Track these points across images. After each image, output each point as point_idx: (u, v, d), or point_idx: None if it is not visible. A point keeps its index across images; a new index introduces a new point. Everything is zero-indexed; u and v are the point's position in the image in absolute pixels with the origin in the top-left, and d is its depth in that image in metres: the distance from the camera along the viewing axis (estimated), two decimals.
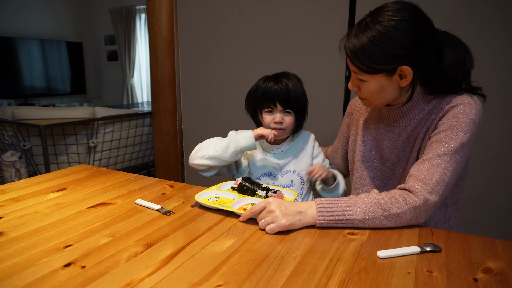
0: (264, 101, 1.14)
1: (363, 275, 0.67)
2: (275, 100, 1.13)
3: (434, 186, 0.87)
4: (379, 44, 0.89)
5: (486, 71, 1.59)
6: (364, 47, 0.90)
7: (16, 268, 0.68)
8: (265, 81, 1.16)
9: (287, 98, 1.12)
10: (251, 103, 1.20)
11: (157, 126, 2.59)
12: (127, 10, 5.40)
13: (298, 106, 1.15)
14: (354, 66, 0.95)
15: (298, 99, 1.14)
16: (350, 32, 0.94)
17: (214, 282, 0.63)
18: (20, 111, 2.81)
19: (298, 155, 1.21)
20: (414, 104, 1.00)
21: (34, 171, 2.84)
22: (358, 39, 0.91)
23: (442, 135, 0.92)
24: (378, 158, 1.10)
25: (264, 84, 1.15)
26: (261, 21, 2.07)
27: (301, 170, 1.20)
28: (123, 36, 5.51)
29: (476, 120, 0.92)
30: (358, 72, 0.95)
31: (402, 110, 1.02)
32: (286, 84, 1.13)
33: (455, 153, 0.89)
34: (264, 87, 1.14)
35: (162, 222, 0.89)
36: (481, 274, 0.68)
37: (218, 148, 1.11)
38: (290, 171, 1.20)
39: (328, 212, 0.85)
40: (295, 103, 1.14)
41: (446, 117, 0.94)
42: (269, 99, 1.13)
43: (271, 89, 1.13)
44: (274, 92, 1.12)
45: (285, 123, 1.14)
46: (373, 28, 0.89)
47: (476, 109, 0.93)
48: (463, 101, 0.93)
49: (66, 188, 1.14)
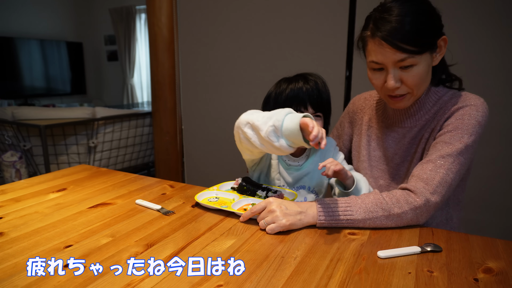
0: (292, 103, 1.01)
1: (364, 275, 0.67)
2: (305, 102, 1.00)
3: (436, 186, 0.86)
4: (422, 18, 0.87)
5: (486, 71, 1.60)
6: (412, 23, 0.85)
7: (16, 268, 0.68)
8: (291, 81, 1.04)
9: (320, 99, 1.01)
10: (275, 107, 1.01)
11: (157, 126, 2.59)
12: (127, 10, 5.40)
13: (328, 109, 1.05)
14: (401, 53, 0.86)
15: (328, 100, 1.04)
16: (381, 20, 0.87)
17: (215, 282, 0.63)
18: (20, 111, 2.81)
19: (315, 169, 1.09)
20: (421, 106, 0.99)
21: (34, 171, 2.84)
22: (401, 20, 0.85)
23: (447, 136, 0.91)
24: (382, 158, 1.09)
25: (293, 85, 1.02)
26: (261, 22, 2.07)
27: (316, 186, 1.10)
28: (123, 36, 5.51)
29: (482, 123, 0.91)
30: (406, 58, 0.87)
31: (409, 110, 1.01)
32: (316, 83, 1.02)
33: (459, 154, 0.89)
34: (292, 88, 1.02)
35: (162, 222, 0.89)
36: (482, 274, 0.68)
37: (260, 118, 0.89)
38: (305, 187, 1.10)
39: (328, 212, 0.85)
40: (327, 104, 1.03)
41: (452, 118, 0.93)
42: (299, 100, 1.00)
43: (301, 90, 1.00)
44: (305, 92, 1.00)
45: None
46: (409, 4, 0.87)
47: (483, 111, 0.92)
48: (470, 102, 0.93)
49: (66, 188, 1.14)
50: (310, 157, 1.11)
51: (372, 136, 1.12)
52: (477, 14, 1.57)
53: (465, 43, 1.59)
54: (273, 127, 0.85)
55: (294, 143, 0.85)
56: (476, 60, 1.60)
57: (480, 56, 1.60)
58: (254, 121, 0.89)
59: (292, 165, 1.11)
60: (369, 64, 0.94)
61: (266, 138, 0.85)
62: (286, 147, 0.85)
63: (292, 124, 0.82)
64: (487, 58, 1.58)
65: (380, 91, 0.98)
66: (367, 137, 1.13)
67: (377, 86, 0.96)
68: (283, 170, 1.11)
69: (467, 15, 1.58)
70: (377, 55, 0.89)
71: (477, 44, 1.59)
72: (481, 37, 1.58)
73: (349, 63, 1.87)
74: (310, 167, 1.10)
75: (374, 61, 0.91)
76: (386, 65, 0.90)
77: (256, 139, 0.90)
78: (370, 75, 0.96)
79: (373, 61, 0.91)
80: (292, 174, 1.10)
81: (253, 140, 0.90)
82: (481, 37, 1.58)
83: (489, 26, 1.56)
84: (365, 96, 1.20)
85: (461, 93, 0.97)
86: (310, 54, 1.96)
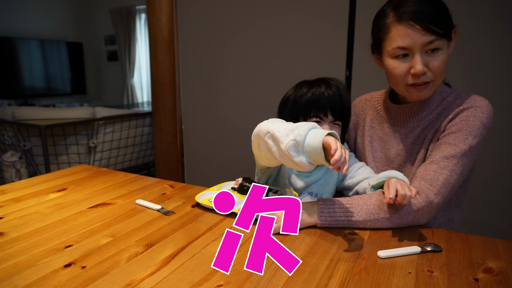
0: (312, 109, 0.97)
1: (364, 275, 0.67)
2: (326, 109, 0.97)
3: (440, 187, 0.86)
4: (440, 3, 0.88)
5: (486, 71, 1.60)
6: (433, 6, 0.86)
7: (16, 269, 0.68)
8: (312, 85, 1.00)
9: (341, 107, 0.97)
10: (293, 111, 1.01)
11: (157, 126, 2.59)
12: (127, 10, 5.40)
13: (348, 117, 1.02)
14: (430, 34, 0.85)
15: (349, 108, 1.01)
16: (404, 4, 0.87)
17: (215, 282, 0.63)
18: (20, 112, 2.81)
19: (325, 175, 1.07)
20: (425, 105, 0.98)
21: (34, 171, 2.84)
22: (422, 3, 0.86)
23: (451, 138, 0.91)
24: (384, 159, 1.09)
25: (314, 89, 0.98)
26: (261, 22, 2.07)
27: (324, 193, 1.07)
28: (123, 36, 5.51)
29: (486, 124, 0.91)
30: (434, 40, 0.85)
31: (412, 110, 1.00)
32: (338, 90, 0.98)
33: (463, 156, 0.89)
34: (314, 92, 0.98)
35: (163, 222, 0.89)
36: (482, 274, 0.68)
37: (282, 129, 0.83)
38: (312, 193, 1.06)
39: (330, 213, 0.85)
40: (347, 114, 1.00)
41: (456, 119, 0.92)
42: (320, 106, 0.96)
43: (323, 95, 0.96)
44: (327, 98, 0.96)
45: None
46: None
47: (487, 113, 0.91)
48: (475, 104, 0.92)
49: (66, 188, 1.14)
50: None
51: (374, 137, 1.11)
52: (477, 14, 1.57)
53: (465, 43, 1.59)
54: (294, 141, 0.79)
55: (314, 161, 0.79)
56: (476, 60, 1.60)
57: (480, 56, 1.60)
58: (275, 131, 0.83)
59: (302, 172, 1.07)
60: (393, 52, 0.90)
61: (286, 152, 0.80)
62: (306, 163, 0.79)
63: (315, 141, 0.76)
64: (487, 58, 1.58)
65: (401, 82, 0.93)
66: (369, 138, 1.12)
67: (400, 75, 0.91)
68: (293, 176, 1.08)
69: (467, 15, 1.58)
70: (404, 39, 0.87)
71: (477, 44, 1.59)
72: (482, 37, 1.58)
73: (349, 63, 1.87)
74: (320, 173, 1.07)
75: (400, 46, 0.88)
76: (413, 49, 0.87)
77: (276, 150, 0.85)
78: (391, 65, 0.92)
79: (399, 46, 0.88)
80: (302, 180, 1.07)
81: (273, 150, 0.85)
82: (482, 37, 1.58)
83: (490, 26, 1.56)
84: (365, 97, 1.19)
85: (466, 94, 0.97)
86: (310, 54, 1.96)
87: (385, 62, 0.94)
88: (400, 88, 0.96)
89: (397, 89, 0.97)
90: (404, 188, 0.79)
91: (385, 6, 0.94)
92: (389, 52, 0.91)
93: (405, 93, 0.96)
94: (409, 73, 0.90)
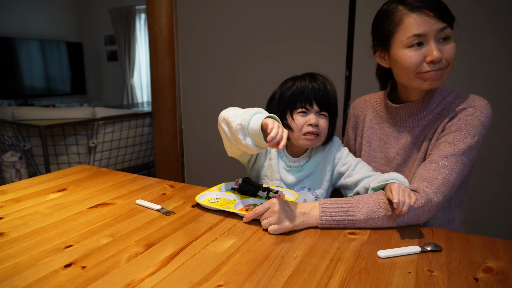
0: (297, 100, 1.02)
1: (364, 275, 0.67)
2: (311, 99, 1.01)
3: (439, 186, 0.87)
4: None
5: (486, 71, 1.60)
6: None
7: (16, 269, 0.68)
8: (297, 80, 1.05)
9: (326, 97, 1.02)
10: (280, 104, 1.06)
11: (157, 126, 2.59)
12: (127, 10, 5.40)
13: (334, 109, 1.06)
14: (442, 22, 0.88)
15: (335, 100, 1.05)
16: None
17: (215, 282, 0.63)
18: (20, 112, 2.81)
19: (317, 170, 1.10)
20: (424, 105, 0.99)
21: (34, 171, 2.84)
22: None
23: (451, 137, 0.91)
24: (383, 159, 1.09)
25: (299, 82, 1.03)
26: (261, 22, 2.07)
27: (317, 188, 1.10)
28: (123, 36, 5.51)
29: (485, 124, 0.92)
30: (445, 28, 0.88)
31: (412, 109, 1.01)
32: (323, 83, 1.03)
33: (462, 155, 0.89)
34: (299, 85, 1.03)
35: (163, 222, 0.89)
36: (482, 273, 0.68)
37: (233, 114, 0.90)
38: (304, 189, 1.09)
39: (331, 213, 0.85)
40: (333, 104, 1.04)
41: (456, 119, 0.93)
42: (305, 97, 1.01)
43: (307, 87, 1.02)
44: (311, 90, 1.01)
45: (320, 127, 1.02)
46: None
47: (486, 112, 0.92)
48: (474, 103, 0.93)
49: (66, 188, 1.14)
50: (311, 158, 1.11)
51: (374, 138, 1.12)
52: (478, 14, 1.57)
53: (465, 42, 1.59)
54: (240, 125, 0.86)
55: (258, 143, 0.86)
56: (476, 60, 1.60)
57: (480, 56, 1.60)
58: (228, 117, 0.90)
59: (293, 166, 1.11)
60: (408, 41, 0.90)
61: (236, 135, 0.87)
62: (252, 146, 0.86)
63: (256, 124, 0.83)
64: (487, 58, 1.58)
65: (414, 71, 0.92)
66: (367, 138, 1.13)
67: (415, 64, 0.91)
68: (283, 171, 1.10)
69: (467, 15, 1.58)
70: (420, 27, 0.88)
71: (477, 43, 1.59)
72: (482, 37, 1.58)
73: (349, 63, 1.87)
74: (312, 168, 1.10)
75: (416, 34, 0.89)
76: (428, 36, 0.88)
77: (230, 135, 0.91)
78: (406, 54, 0.92)
79: (415, 34, 0.89)
80: (293, 175, 1.10)
81: (229, 135, 0.92)
82: (482, 36, 1.58)
83: (489, 26, 1.56)
84: (364, 98, 1.20)
85: (466, 94, 0.97)
86: (310, 54, 1.96)
87: (397, 55, 0.94)
88: (411, 78, 0.94)
89: (408, 81, 0.95)
90: (405, 194, 0.80)
91: (387, 4, 0.95)
92: (404, 42, 0.91)
93: (418, 82, 0.94)
94: (424, 62, 0.91)
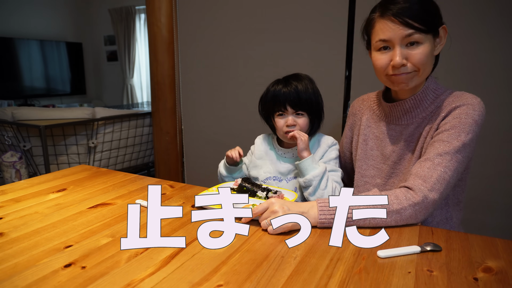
0: (274, 104, 1.14)
1: (364, 274, 0.67)
2: (285, 103, 1.12)
3: (434, 183, 0.87)
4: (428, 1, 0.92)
5: (486, 70, 1.60)
6: (419, 4, 0.90)
7: (16, 269, 0.68)
8: (274, 85, 1.16)
9: (297, 100, 1.11)
10: (263, 108, 1.20)
11: (157, 126, 2.59)
12: (126, 10, 5.40)
13: (311, 107, 1.13)
14: (408, 28, 0.90)
15: (310, 100, 1.12)
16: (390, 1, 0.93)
17: (215, 282, 0.63)
18: (20, 112, 2.81)
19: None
20: (418, 103, 1.00)
21: (34, 171, 2.84)
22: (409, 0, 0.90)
23: (445, 135, 0.92)
24: (380, 157, 1.10)
25: (273, 88, 1.15)
26: (261, 22, 2.07)
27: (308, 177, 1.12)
28: (123, 36, 5.51)
29: (479, 122, 0.93)
30: (413, 34, 0.90)
31: (405, 107, 1.02)
32: (295, 87, 1.11)
33: (456, 152, 0.90)
34: (273, 91, 1.14)
35: (163, 222, 0.89)
36: (482, 273, 0.68)
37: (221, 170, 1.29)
38: (297, 178, 1.16)
39: (329, 211, 0.85)
40: (307, 104, 1.12)
41: (449, 117, 0.94)
42: (279, 102, 1.12)
43: (280, 92, 1.12)
44: (283, 95, 1.11)
45: (298, 126, 1.13)
46: None
47: (479, 110, 0.93)
48: (466, 101, 0.94)
49: (66, 188, 1.14)
50: None
51: (370, 136, 1.13)
52: (478, 14, 1.57)
53: (464, 42, 1.59)
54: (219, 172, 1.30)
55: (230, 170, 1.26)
56: (476, 60, 1.60)
57: (480, 56, 1.60)
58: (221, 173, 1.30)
59: (287, 157, 1.20)
60: (376, 45, 0.96)
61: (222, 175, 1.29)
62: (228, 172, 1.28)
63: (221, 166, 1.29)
64: (487, 58, 1.58)
65: (383, 73, 0.98)
66: (363, 136, 1.14)
67: (381, 67, 0.96)
68: (276, 161, 1.19)
69: (468, 14, 1.58)
70: (385, 32, 0.92)
71: (477, 43, 1.59)
72: (480, 36, 1.58)
73: (349, 63, 1.87)
74: None
75: (381, 39, 0.93)
76: (393, 41, 0.92)
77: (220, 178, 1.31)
78: (375, 57, 0.98)
79: (380, 39, 0.94)
80: (285, 165, 1.19)
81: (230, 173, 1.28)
82: (480, 36, 1.58)
83: (490, 26, 1.56)
84: (363, 97, 1.22)
85: (459, 92, 0.99)
86: (310, 54, 1.96)
87: (371, 56, 1.01)
88: (383, 79, 1.01)
89: (381, 80, 1.02)
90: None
91: (376, 5, 0.98)
92: (374, 45, 0.97)
93: (389, 84, 1.01)
94: (390, 65, 0.95)
